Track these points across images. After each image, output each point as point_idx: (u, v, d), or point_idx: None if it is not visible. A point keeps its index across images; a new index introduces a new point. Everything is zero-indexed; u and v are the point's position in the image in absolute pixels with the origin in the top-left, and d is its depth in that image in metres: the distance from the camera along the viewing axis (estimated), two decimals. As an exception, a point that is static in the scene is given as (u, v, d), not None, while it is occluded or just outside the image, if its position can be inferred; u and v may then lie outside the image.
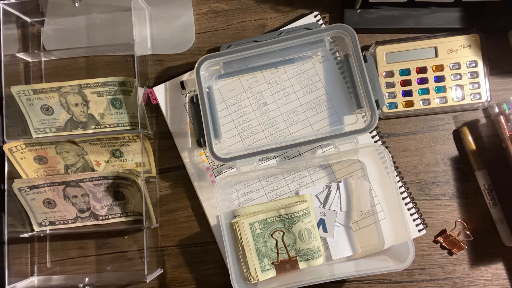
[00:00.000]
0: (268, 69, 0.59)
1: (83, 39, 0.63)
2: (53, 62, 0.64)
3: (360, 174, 0.58)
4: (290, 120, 0.59)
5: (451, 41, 0.57)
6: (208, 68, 0.57)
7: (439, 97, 0.57)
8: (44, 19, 0.64)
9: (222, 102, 0.60)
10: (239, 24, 0.62)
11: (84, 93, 0.60)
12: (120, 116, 0.61)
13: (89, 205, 0.61)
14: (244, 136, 0.59)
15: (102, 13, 0.63)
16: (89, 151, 0.61)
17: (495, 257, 0.57)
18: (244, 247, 0.54)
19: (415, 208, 0.57)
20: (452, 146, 0.58)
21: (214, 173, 0.59)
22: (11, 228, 0.59)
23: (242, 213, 0.56)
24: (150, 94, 0.60)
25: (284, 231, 0.55)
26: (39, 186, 0.60)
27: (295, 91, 0.59)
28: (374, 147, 0.55)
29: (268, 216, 0.55)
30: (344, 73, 0.58)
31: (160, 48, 0.62)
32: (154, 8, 0.63)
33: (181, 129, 0.60)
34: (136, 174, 0.58)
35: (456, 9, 0.57)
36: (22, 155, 0.61)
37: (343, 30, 0.54)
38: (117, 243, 0.61)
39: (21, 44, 0.63)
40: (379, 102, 0.53)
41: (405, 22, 0.58)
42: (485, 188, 0.56)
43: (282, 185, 0.58)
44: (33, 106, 0.61)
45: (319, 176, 0.58)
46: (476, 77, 0.56)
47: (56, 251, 0.62)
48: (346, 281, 0.58)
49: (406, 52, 0.57)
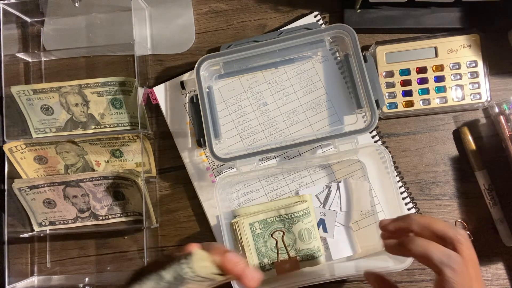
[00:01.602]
0: (268, 69, 0.59)
1: (83, 39, 0.63)
2: (53, 62, 0.64)
3: (360, 174, 0.58)
4: (290, 120, 0.59)
5: (451, 41, 0.57)
6: (208, 68, 0.57)
7: (439, 97, 0.57)
8: (44, 19, 0.64)
9: (222, 102, 0.60)
10: (239, 24, 0.62)
11: (84, 93, 0.60)
12: (120, 116, 0.61)
13: (89, 205, 0.61)
14: (244, 136, 0.59)
15: (102, 13, 0.63)
16: (89, 151, 0.61)
17: (495, 257, 0.57)
18: (244, 247, 0.54)
19: (415, 208, 0.57)
20: (452, 146, 0.58)
21: (214, 173, 0.59)
22: (11, 228, 0.59)
23: (242, 213, 0.56)
24: (150, 94, 0.60)
25: (284, 231, 0.55)
26: (39, 186, 0.60)
27: (295, 91, 0.59)
28: (374, 147, 0.55)
29: (268, 216, 0.55)
30: (344, 73, 0.58)
31: (160, 48, 0.62)
32: (154, 8, 0.63)
33: (181, 129, 0.60)
34: (136, 174, 0.58)
35: (456, 9, 0.57)
36: (22, 155, 0.61)
37: (343, 30, 0.54)
38: (117, 243, 0.61)
39: (21, 44, 0.63)
40: (379, 102, 0.53)
41: (405, 22, 0.58)
42: (485, 188, 0.56)
43: (282, 185, 0.58)
44: (33, 106, 0.61)
45: (319, 176, 0.58)
46: (476, 77, 0.56)
47: (56, 251, 0.62)
48: (346, 281, 0.58)
49: (406, 52, 0.57)
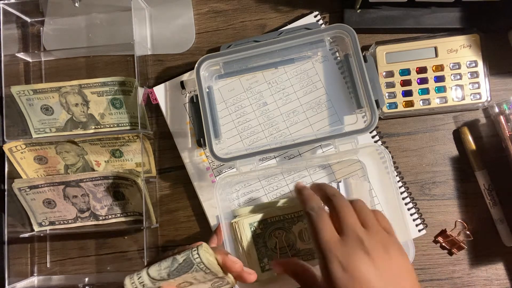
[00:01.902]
0: (268, 69, 0.59)
1: (83, 39, 0.63)
2: (53, 62, 0.64)
3: (360, 174, 0.58)
4: (290, 120, 0.59)
5: (451, 41, 0.57)
6: (208, 68, 0.57)
7: (439, 97, 0.57)
8: (44, 19, 0.64)
9: (222, 102, 0.60)
10: (239, 24, 0.62)
11: (84, 93, 0.60)
12: (120, 116, 0.61)
13: (89, 205, 0.61)
14: (244, 136, 0.59)
15: (102, 13, 0.63)
16: (89, 151, 0.61)
17: (495, 257, 0.57)
18: (244, 247, 0.54)
19: (415, 208, 0.57)
20: (452, 146, 0.58)
21: (214, 173, 0.59)
22: (11, 228, 0.59)
23: (242, 213, 0.56)
24: (150, 94, 0.60)
25: (285, 231, 0.55)
26: (39, 186, 0.60)
27: (295, 91, 0.59)
28: (374, 147, 0.55)
29: (268, 216, 0.55)
30: (344, 73, 0.58)
31: (160, 48, 0.62)
32: (154, 8, 0.63)
33: (181, 129, 0.60)
34: (136, 174, 0.58)
35: (456, 9, 0.57)
36: (22, 155, 0.61)
37: (343, 30, 0.54)
38: (117, 243, 0.61)
39: (21, 44, 0.63)
40: (379, 102, 0.53)
41: (405, 22, 0.58)
42: (485, 188, 0.56)
43: (282, 185, 0.58)
44: (33, 106, 0.61)
45: (319, 176, 0.58)
46: (476, 77, 0.56)
47: (56, 251, 0.62)
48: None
49: (406, 52, 0.57)
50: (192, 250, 0.41)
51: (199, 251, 0.40)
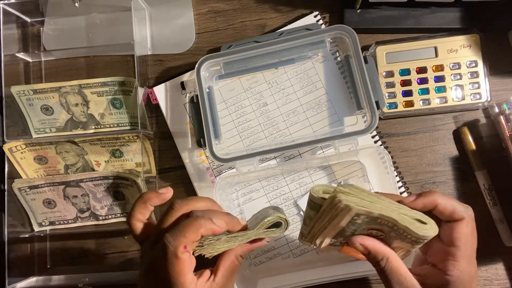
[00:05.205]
0: (268, 69, 0.59)
1: (83, 39, 0.63)
2: (53, 62, 0.64)
3: (360, 174, 0.58)
4: (290, 120, 0.59)
5: (451, 41, 0.57)
6: (209, 68, 0.57)
7: (439, 97, 0.57)
8: (44, 19, 0.64)
9: (222, 102, 0.60)
10: (239, 24, 0.62)
11: (84, 93, 0.60)
12: (120, 116, 0.61)
13: (89, 205, 0.61)
14: (244, 136, 0.59)
15: (102, 13, 0.63)
16: (89, 151, 0.61)
17: (495, 257, 0.57)
18: (331, 225, 0.42)
19: (415, 208, 0.57)
20: (452, 146, 0.58)
21: (214, 173, 0.59)
22: (11, 228, 0.59)
23: (360, 197, 0.42)
24: (150, 94, 0.60)
25: (383, 234, 0.43)
26: (39, 186, 0.60)
27: (295, 91, 0.59)
28: (374, 148, 0.55)
29: (382, 217, 0.41)
30: (344, 74, 0.58)
31: (160, 48, 0.62)
32: (154, 8, 0.63)
33: (181, 129, 0.60)
34: (136, 174, 0.58)
35: (456, 9, 0.57)
36: (22, 155, 0.61)
37: (344, 31, 0.54)
38: (117, 243, 0.61)
39: (21, 44, 0.63)
40: (380, 104, 0.53)
41: (405, 22, 0.58)
42: (485, 188, 0.56)
43: (282, 185, 0.59)
44: (33, 106, 0.61)
45: (319, 176, 0.58)
46: (476, 77, 0.56)
47: (56, 251, 0.62)
48: (346, 281, 0.58)
49: (406, 52, 0.57)
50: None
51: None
